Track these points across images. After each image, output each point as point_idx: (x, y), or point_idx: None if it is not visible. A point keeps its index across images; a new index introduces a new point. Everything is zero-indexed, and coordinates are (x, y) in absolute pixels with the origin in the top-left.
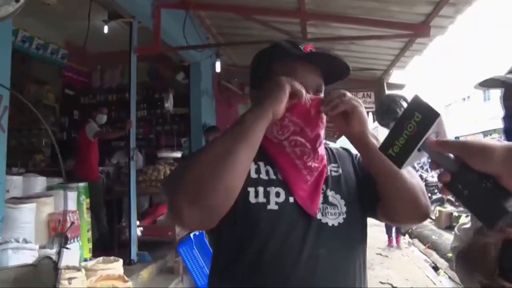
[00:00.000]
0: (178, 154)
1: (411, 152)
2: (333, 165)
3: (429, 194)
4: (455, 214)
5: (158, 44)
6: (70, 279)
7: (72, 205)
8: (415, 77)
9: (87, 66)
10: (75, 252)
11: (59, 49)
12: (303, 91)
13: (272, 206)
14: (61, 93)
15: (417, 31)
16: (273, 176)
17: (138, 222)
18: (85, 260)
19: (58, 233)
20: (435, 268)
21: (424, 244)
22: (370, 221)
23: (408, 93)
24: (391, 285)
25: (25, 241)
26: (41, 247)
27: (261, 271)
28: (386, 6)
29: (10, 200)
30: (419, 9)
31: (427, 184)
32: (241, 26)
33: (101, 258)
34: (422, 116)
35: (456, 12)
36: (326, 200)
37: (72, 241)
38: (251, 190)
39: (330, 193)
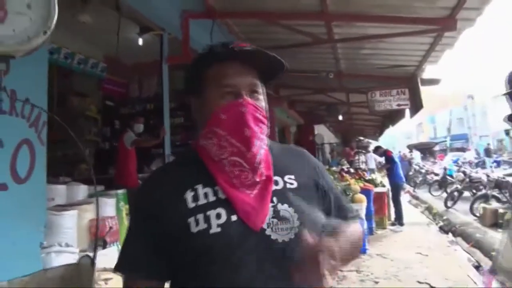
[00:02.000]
0: None
1: None
2: (289, 176)
3: (474, 191)
4: (501, 211)
5: (188, 53)
6: (106, 280)
7: (111, 211)
8: (452, 71)
9: (125, 78)
10: (113, 255)
11: (99, 63)
12: None
13: (214, 229)
14: (102, 104)
15: (443, 25)
16: (212, 198)
17: None
18: None
19: (97, 237)
20: (478, 267)
21: (468, 242)
22: (412, 219)
23: (437, 90)
24: (429, 284)
25: (67, 245)
26: (82, 251)
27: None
28: (409, 2)
29: (54, 208)
30: (443, 2)
31: (471, 180)
32: (268, 31)
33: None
34: None
35: (483, 3)
36: (276, 214)
37: (111, 245)
38: (191, 220)
39: (282, 207)
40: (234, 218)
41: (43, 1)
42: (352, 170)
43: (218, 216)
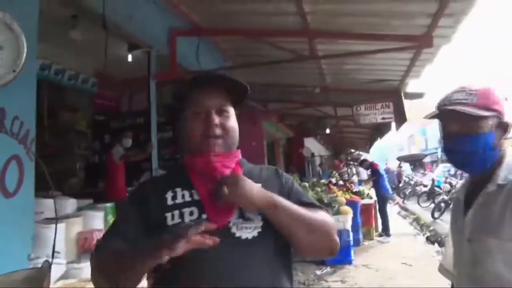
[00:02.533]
0: None
1: None
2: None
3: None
4: None
5: (175, 69)
6: None
7: (99, 224)
8: (439, 84)
9: (116, 92)
10: None
11: (89, 78)
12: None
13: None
14: (92, 119)
15: (420, 42)
16: (188, 199)
17: None
18: None
19: (85, 249)
20: None
21: None
22: (399, 230)
23: (428, 101)
24: None
25: (56, 257)
26: (70, 262)
27: (185, 282)
28: (387, 20)
29: (42, 221)
30: (419, 21)
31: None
32: (254, 47)
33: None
34: None
35: (456, 22)
36: (242, 215)
37: None
38: (168, 215)
39: None
40: (204, 216)
41: (13, 44)
42: (341, 182)
43: (191, 213)
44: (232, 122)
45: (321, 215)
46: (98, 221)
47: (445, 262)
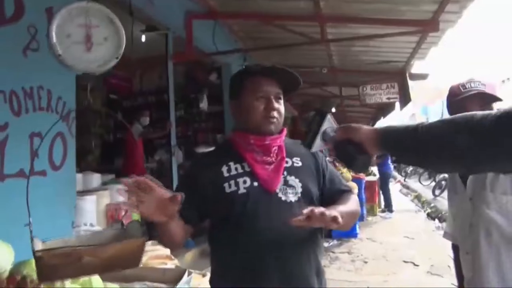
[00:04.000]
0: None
1: (315, 140)
2: (296, 158)
3: None
4: None
5: (191, 51)
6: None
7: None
8: (442, 66)
9: (129, 72)
10: None
11: None
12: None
13: (242, 190)
14: (106, 98)
15: (426, 27)
16: (240, 170)
17: None
18: None
19: (115, 220)
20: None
21: None
22: (401, 207)
23: (430, 81)
24: (413, 263)
25: (91, 225)
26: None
27: (242, 235)
28: (395, 6)
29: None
30: (426, 7)
31: None
32: (266, 31)
33: (150, 242)
34: (319, 116)
35: (461, 8)
36: (286, 183)
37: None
38: (226, 185)
39: (290, 178)
40: (256, 184)
41: (116, 35)
42: None
43: (245, 182)
44: (283, 108)
45: (355, 202)
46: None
47: (447, 229)
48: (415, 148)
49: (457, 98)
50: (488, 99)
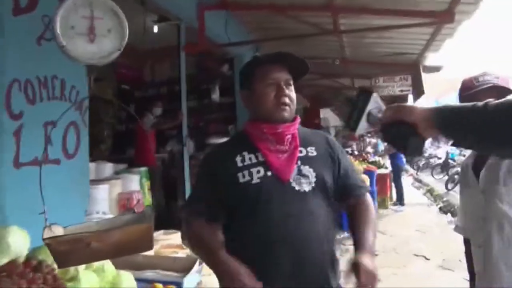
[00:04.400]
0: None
1: (359, 122)
2: (311, 147)
3: None
4: None
5: (203, 42)
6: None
7: (136, 186)
8: (456, 58)
9: (139, 62)
10: None
11: None
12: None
13: (255, 180)
14: (117, 88)
15: (441, 18)
16: (254, 160)
17: None
18: None
19: (127, 208)
20: None
21: None
22: (413, 200)
23: (443, 74)
24: (424, 257)
25: (104, 213)
26: None
27: (255, 224)
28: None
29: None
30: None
31: None
32: (278, 21)
33: (162, 231)
34: (363, 96)
35: None
36: (300, 172)
37: None
38: (239, 175)
39: (304, 168)
40: (269, 173)
41: (119, 28)
42: (356, 153)
43: (258, 172)
44: (294, 94)
45: (372, 210)
46: (134, 183)
47: (459, 222)
48: (486, 129)
49: (470, 92)
50: (502, 92)
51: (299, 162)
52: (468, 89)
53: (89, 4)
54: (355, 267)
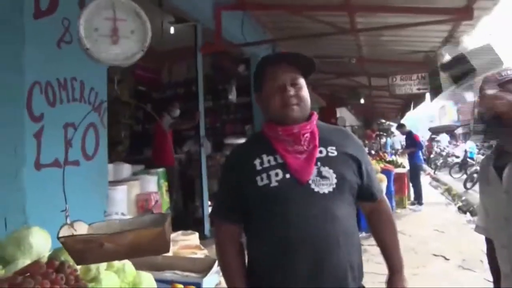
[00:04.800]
0: (243, 140)
1: None
2: (331, 147)
3: None
4: None
5: (220, 42)
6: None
7: (153, 187)
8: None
9: (156, 64)
10: None
11: None
12: None
13: (274, 183)
14: (134, 89)
15: (460, 15)
16: (273, 163)
17: (209, 202)
18: None
19: (145, 209)
20: None
21: None
22: (431, 200)
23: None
24: (444, 257)
25: (123, 214)
26: None
27: (274, 227)
28: None
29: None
30: None
31: None
32: (294, 21)
33: (180, 232)
34: None
35: None
36: (319, 174)
37: None
38: (258, 178)
39: (324, 169)
40: (288, 176)
41: (142, 29)
42: (373, 152)
43: (277, 174)
44: (304, 92)
45: (389, 210)
46: (152, 184)
47: (479, 222)
48: None
49: (495, 84)
50: None
51: (318, 163)
52: (493, 83)
53: (112, 6)
54: None
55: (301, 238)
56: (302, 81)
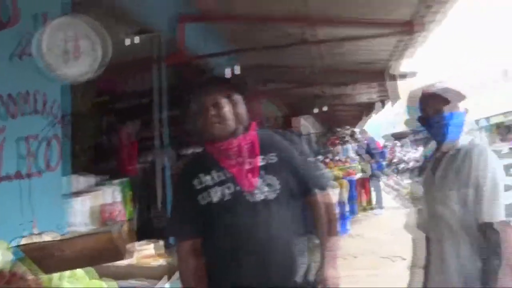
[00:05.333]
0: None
1: None
2: (272, 154)
3: None
4: None
5: (183, 53)
6: None
7: (117, 198)
8: (429, 64)
9: (119, 74)
10: None
11: None
12: None
13: (227, 197)
14: (97, 101)
15: (412, 27)
16: (223, 177)
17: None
18: None
19: (109, 219)
20: None
21: None
22: (392, 204)
23: (419, 80)
24: (401, 257)
25: (86, 224)
26: None
27: (221, 237)
28: (383, 6)
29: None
30: (409, 9)
31: None
32: (256, 31)
33: (144, 241)
34: None
35: (446, 8)
36: (264, 182)
37: None
38: (205, 193)
39: (267, 177)
40: (234, 188)
41: (103, 45)
42: (336, 158)
43: (229, 188)
44: (237, 108)
45: (328, 200)
46: (116, 194)
47: (409, 221)
48: None
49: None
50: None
51: (262, 172)
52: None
53: (73, 24)
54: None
55: (247, 245)
56: (224, 101)
